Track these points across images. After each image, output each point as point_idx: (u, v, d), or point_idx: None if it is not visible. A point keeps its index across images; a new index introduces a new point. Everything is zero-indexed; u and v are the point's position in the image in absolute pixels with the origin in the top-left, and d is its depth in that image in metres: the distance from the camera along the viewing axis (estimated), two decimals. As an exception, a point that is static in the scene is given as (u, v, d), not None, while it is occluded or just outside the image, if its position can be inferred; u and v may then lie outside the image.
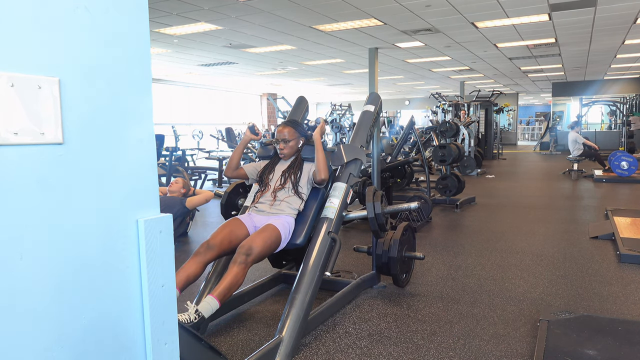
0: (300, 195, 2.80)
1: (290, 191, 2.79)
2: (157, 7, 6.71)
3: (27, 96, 0.88)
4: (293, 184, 2.80)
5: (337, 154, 3.04)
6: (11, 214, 0.86)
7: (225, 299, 2.28)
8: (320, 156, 2.79)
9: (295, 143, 2.93)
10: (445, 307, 2.94)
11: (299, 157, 2.94)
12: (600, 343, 2.30)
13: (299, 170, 2.86)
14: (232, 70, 13.47)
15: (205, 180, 8.67)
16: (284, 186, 2.80)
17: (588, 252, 4.11)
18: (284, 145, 2.90)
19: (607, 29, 8.72)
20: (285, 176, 2.84)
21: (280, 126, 2.93)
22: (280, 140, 2.90)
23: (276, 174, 2.90)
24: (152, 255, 1.10)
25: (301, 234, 2.76)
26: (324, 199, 2.90)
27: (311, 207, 2.86)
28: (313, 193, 2.92)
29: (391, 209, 3.01)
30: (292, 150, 2.93)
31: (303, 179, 2.85)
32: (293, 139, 2.92)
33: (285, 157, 2.94)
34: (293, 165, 2.88)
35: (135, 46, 1.06)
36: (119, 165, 1.04)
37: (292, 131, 2.92)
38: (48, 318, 0.93)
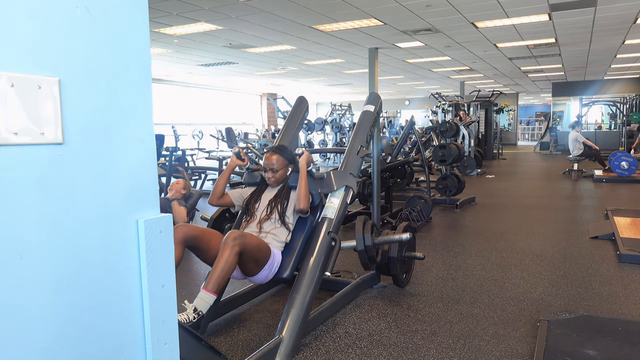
0: (287, 225, 2.70)
1: (276, 222, 2.68)
2: (157, 7, 6.71)
3: (27, 96, 0.88)
4: (280, 214, 2.69)
5: (327, 180, 2.92)
6: (11, 214, 0.86)
7: (219, 288, 2.23)
8: (302, 185, 2.71)
9: (283, 171, 2.83)
10: (445, 307, 2.94)
11: (287, 185, 2.83)
12: (600, 343, 2.30)
13: (285, 200, 2.76)
14: (232, 70, 13.47)
15: (205, 180, 8.67)
16: (270, 217, 2.69)
17: (588, 252, 4.11)
18: (272, 174, 2.80)
19: (607, 29, 8.72)
20: (272, 205, 2.73)
21: (268, 153, 2.83)
22: (268, 169, 2.80)
23: (262, 203, 2.79)
24: (152, 255, 1.10)
25: (288, 267, 2.63)
26: (312, 228, 2.78)
27: (298, 238, 2.74)
28: (300, 223, 2.79)
29: (382, 240, 2.92)
30: (280, 179, 2.83)
31: (290, 209, 2.74)
32: (281, 167, 2.81)
33: (272, 185, 2.85)
34: (280, 194, 2.78)
35: (135, 46, 1.06)
36: (119, 165, 1.04)
37: (281, 159, 2.82)
38: (48, 318, 0.93)
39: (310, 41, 9.39)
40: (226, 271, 2.25)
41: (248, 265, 2.45)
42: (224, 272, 2.24)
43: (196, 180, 8.51)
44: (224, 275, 2.24)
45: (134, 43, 1.06)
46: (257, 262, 2.47)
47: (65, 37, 0.93)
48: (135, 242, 1.08)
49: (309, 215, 2.81)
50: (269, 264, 2.53)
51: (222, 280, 2.23)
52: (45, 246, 0.92)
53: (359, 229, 2.80)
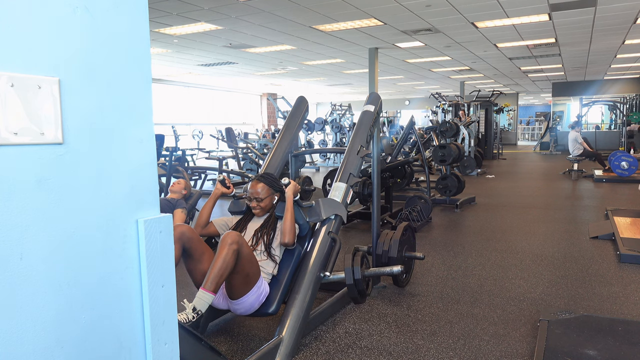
0: (274, 257, 2.58)
1: (262, 254, 2.56)
2: (157, 7, 6.71)
3: (27, 96, 0.88)
4: (266, 245, 2.58)
5: (315, 209, 2.82)
6: (11, 214, 0.86)
7: (218, 286, 2.20)
8: (288, 218, 2.60)
9: (269, 200, 2.69)
10: (445, 307, 2.94)
11: (273, 215, 2.70)
12: (600, 343, 2.30)
13: (272, 231, 2.63)
14: (232, 70, 13.47)
15: (205, 180, 8.67)
16: (255, 248, 2.58)
17: (588, 252, 4.11)
18: (257, 204, 2.67)
19: (607, 29, 8.72)
20: (258, 236, 2.61)
21: (254, 181, 2.71)
22: (253, 199, 2.67)
23: (248, 233, 2.66)
24: (152, 255, 1.10)
25: (274, 301, 2.48)
26: (300, 259, 2.67)
27: (285, 270, 2.60)
28: (287, 254, 2.66)
29: (372, 272, 2.84)
30: (266, 208, 2.69)
31: (276, 241, 2.62)
32: (267, 196, 2.68)
33: (258, 214, 2.71)
34: (266, 225, 2.65)
35: (135, 46, 1.06)
36: (119, 165, 1.04)
37: (266, 188, 2.68)
38: (48, 318, 0.93)
39: (310, 41, 9.39)
40: (224, 269, 2.22)
41: (238, 280, 2.35)
42: (222, 270, 2.21)
43: (196, 180, 8.51)
44: (222, 274, 2.21)
45: (134, 43, 1.06)
46: (248, 278, 2.38)
47: (65, 37, 0.93)
48: (135, 242, 1.08)
49: (297, 245, 2.69)
50: (256, 287, 2.41)
51: (220, 279, 2.21)
52: (45, 246, 0.92)
53: (349, 262, 2.67)
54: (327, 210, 2.81)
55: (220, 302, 2.47)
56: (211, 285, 2.19)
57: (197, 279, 2.43)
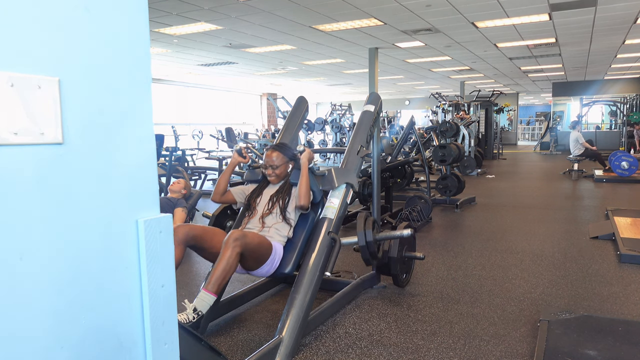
0: (289, 221, 2.70)
1: (278, 217, 2.70)
2: (157, 7, 6.71)
3: (27, 96, 0.88)
4: (281, 209, 2.70)
5: (328, 177, 2.92)
6: (11, 214, 0.86)
7: (220, 288, 2.23)
8: (303, 182, 2.71)
9: (284, 168, 2.83)
10: (445, 307, 2.94)
11: (288, 182, 2.84)
12: (601, 343, 2.30)
13: (287, 196, 2.76)
14: (232, 70, 13.47)
15: (205, 180, 8.67)
16: (271, 211, 2.71)
17: (588, 252, 4.11)
18: (272, 171, 2.81)
19: (607, 29, 8.72)
20: (273, 201, 2.74)
21: (269, 150, 2.83)
22: (269, 166, 2.81)
23: (264, 199, 2.80)
24: (152, 255, 1.10)
25: (290, 262, 2.64)
26: (314, 224, 2.79)
27: (300, 234, 2.74)
28: (302, 219, 2.80)
29: (383, 236, 2.92)
30: (280, 176, 2.83)
31: (291, 205, 2.75)
32: (282, 164, 2.82)
33: (273, 182, 2.85)
34: (282, 190, 2.79)
35: (136, 46, 1.06)
36: (119, 165, 1.04)
37: (281, 156, 2.82)
38: (48, 318, 0.93)
39: (310, 41, 9.39)
40: (227, 272, 2.25)
41: (249, 262, 2.46)
42: (225, 272, 2.24)
43: (196, 180, 8.51)
44: (224, 276, 2.24)
45: (134, 43, 1.06)
46: (258, 259, 2.48)
47: (65, 37, 0.93)
48: (135, 242, 1.08)
49: (310, 211, 2.82)
50: (270, 260, 2.54)
51: (222, 281, 2.23)
52: (45, 246, 0.92)
53: (360, 225, 2.81)
54: (340, 179, 2.93)
55: (238, 269, 2.56)
56: (213, 287, 2.21)
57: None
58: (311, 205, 2.82)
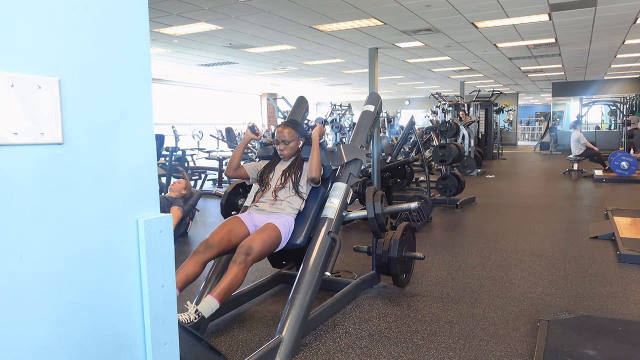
0: (301, 194, 2.81)
1: (290, 191, 2.80)
2: (157, 7, 6.71)
3: (27, 96, 0.88)
4: (294, 183, 2.81)
5: (337, 154, 3.04)
6: (11, 214, 0.86)
7: (225, 298, 2.28)
8: (314, 155, 2.81)
9: (295, 144, 2.93)
10: (445, 307, 2.94)
11: (299, 157, 2.94)
12: (601, 343, 2.30)
13: (299, 170, 2.86)
14: (232, 70, 13.47)
15: (205, 180, 8.67)
16: (284, 186, 2.80)
17: (588, 252, 4.11)
18: (284, 147, 2.90)
19: (607, 29, 8.72)
20: (286, 176, 2.84)
21: (280, 127, 2.93)
22: (281, 141, 2.90)
23: (276, 174, 2.90)
24: (152, 255, 1.10)
25: (301, 234, 2.75)
26: (324, 199, 2.90)
27: (311, 207, 2.86)
28: (313, 193, 2.92)
29: (391, 209, 3.01)
30: (292, 151, 2.93)
31: (303, 179, 2.85)
32: (293, 139, 2.91)
33: (285, 158, 2.94)
34: (293, 165, 2.89)
35: (135, 46, 1.06)
36: (119, 165, 1.04)
37: (292, 132, 2.92)
38: (48, 318, 0.93)
39: (310, 41, 9.38)
40: (234, 285, 2.33)
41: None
42: (232, 286, 2.32)
43: (196, 180, 8.51)
44: (231, 288, 2.32)
45: (134, 43, 1.06)
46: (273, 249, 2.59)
47: (65, 37, 0.93)
48: (135, 242, 1.08)
49: (321, 186, 2.92)
50: (283, 239, 2.64)
51: (228, 292, 2.31)
52: (45, 246, 0.92)
53: (369, 197, 2.88)
54: (349, 155, 3.03)
55: None
56: (219, 295, 2.27)
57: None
58: (322, 180, 2.93)
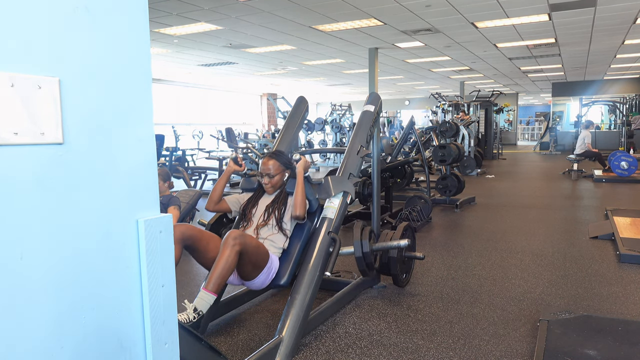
0: (285, 232, 2.66)
1: (274, 228, 2.65)
2: (157, 7, 6.71)
3: (27, 96, 0.88)
4: (277, 219, 2.66)
5: (324, 186, 2.87)
6: (11, 214, 0.86)
7: (220, 287, 2.22)
8: (298, 191, 2.68)
9: (280, 177, 2.78)
10: (445, 307, 2.94)
11: (284, 191, 2.80)
12: (600, 343, 2.30)
13: (283, 206, 2.71)
14: (232, 70, 13.47)
15: (206, 180, 8.67)
16: (267, 222, 2.66)
17: (588, 252, 4.11)
18: (268, 180, 2.75)
19: (607, 29, 8.72)
20: (269, 211, 2.69)
21: (265, 158, 2.79)
22: (265, 175, 2.76)
23: (259, 209, 2.75)
24: (152, 255, 1.10)
25: (285, 273, 2.59)
26: (310, 234, 2.74)
27: (296, 244, 2.69)
28: (298, 229, 2.75)
29: (380, 247, 2.88)
30: (276, 185, 2.78)
31: (287, 215, 2.70)
32: (278, 173, 2.76)
33: (269, 191, 2.80)
34: (277, 200, 2.74)
35: (135, 46, 1.06)
36: (119, 165, 1.04)
37: (277, 165, 2.77)
38: (48, 318, 0.93)
39: (310, 41, 9.39)
40: (226, 270, 2.24)
41: (246, 268, 2.42)
42: (224, 271, 2.23)
43: (196, 180, 8.51)
44: (223, 275, 2.23)
45: (134, 43, 1.06)
46: (256, 264, 2.44)
47: (65, 38, 0.93)
48: (135, 242, 1.08)
49: (307, 221, 2.76)
50: (267, 268, 2.50)
51: (222, 280, 2.23)
52: (46, 246, 0.92)
53: (357, 235, 2.74)
54: (337, 187, 2.87)
55: (234, 279, 2.54)
56: (213, 286, 2.20)
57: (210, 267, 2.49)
58: (307, 214, 2.77)
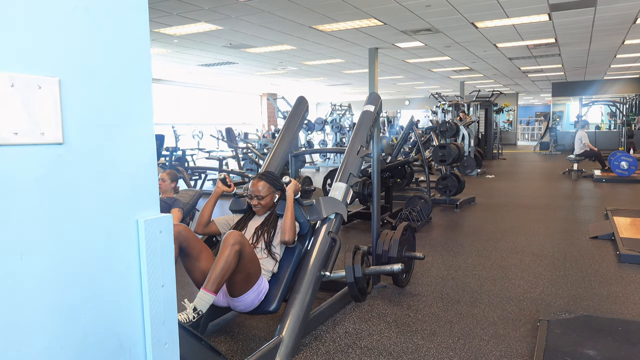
0: (274, 255, 2.59)
1: (263, 252, 2.58)
2: (157, 7, 6.71)
3: (27, 96, 0.88)
4: (266, 243, 2.60)
5: (316, 207, 2.83)
6: (11, 213, 0.86)
7: (219, 287, 2.21)
8: (288, 216, 2.61)
9: (270, 198, 2.71)
10: (445, 307, 2.94)
11: (274, 213, 2.72)
12: (600, 343, 2.30)
13: (272, 229, 2.65)
14: (232, 70, 13.47)
15: (206, 180, 8.67)
16: (256, 246, 2.59)
17: (588, 252, 4.11)
18: (258, 202, 2.69)
19: (607, 29, 8.72)
20: (258, 234, 2.63)
21: (255, 179, 2.73)
22: (254, 196, 2.69)
23: (249, 231, 2.68)
24: (152, 255, 1.10)
25: (274, 299, 2.49)
26: (301, 258, 2.68)
27: (286, 268, 2.61)
28: (288, 252, 2.67)
29: (373, 271, 2.82)
30: (266, 206, 2.71)
31: (276, 239, 2.63)
32: (267, 194, 2.70)
33: (259, 212, 2.73)
34: (267, 223, 2.67)
35: (135, 46, 1.06)
36: (119, 165, 1.04)
37: (267, 186, 2.70)
38: (48, 318, 0.93)
39: (310, 41, 9.39)
40: (226, 270, 2.22)
41: (239, 277, 2.36)
42: (224, 271, 2.22)
43: (196, 180, 8.51)
44: (223, 275, 2.22)
45: (134, 43, 1.06)
46: (249, 276, 2.38)
47: (65, 37, 0.93)
48: (135, 242, 1.08)
49: (297, 243, 2.70)
50: (257, 285, 2.43)
51: (221, 279, 2.22)
52: (46, 246, 0.92)
53: (349, 260, 2.65)
54: (328, 209, 2.81)
55: (220, 299, 2.47)
56: (212, 285, 2.19)
57: (196, 278, 2.44)
58: (299, 236, 2.71)
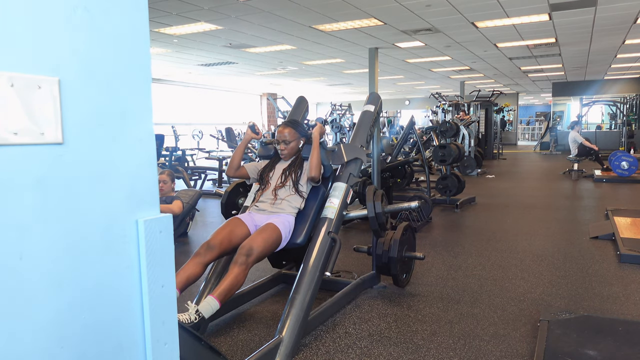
0: (301, 193, 2.82)
1: (290, 190, 2.80)
2: (157, 7, 6.70)
3: (27, 96, 0.88)
4: (294, 182, 2.81)
5: (338, 153, 3.05)
6: (11, 213, 0.86)
7: (225, 299, 2.29)
8: (314, 154, 2.83)
9: (295, 144, 2.94)
10: (445, 307, 2.94)
11: (300, 157, 2.95)
12: (601, 343, 2.29)
13: (299, 169, 2.87)
14: (232, 70, 13.47)
15: (205, 180, 8.67)
16: (284, 184, 2.81)
17: (588, 252, 4.11)
18: (285, 146, 2.91)
19: (607, 29, 8.72)
20: (286, 174, 2.85)
21: (281, 126, 2.93)
22: (281, 141, 2.91)
23: (277, 173, 2.90)
24: (152, 256, 1.10)
25: (301, 233, 2.76)
26: (324, 198, 2.90)
27: (311, 206, 2.87)
28: (313, 192, 2.93)
29: (391, 208, 3.02)
30: (292, 151, 2.94)
31: (303, 178, 2.86)
32: (293, 139, 2.92)
33: (285, 158, 2.95)
34: (293, 164, 2.90)
35: (135, 46, 1.06)
36: (119, 165, 1.04)
37: (293, 132, 2.92)
38: (47, 318, 0.93)
39: (310, 41, 9.38)
40: (235, 287, 2.33)
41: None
42: (233, 287, 2.32)
43: (196, 180, 8.51)
44: (232, 290, 2.32)
45: (134, 43, 1.05)
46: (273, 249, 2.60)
47: (65, 37, 0.93)
48: (135, 242, 1.08)
49: (321, 185, 2.93)
50: (283, 239, 2.65)
51: (229, 293, 2.31)
52: (45, 246, 0.92)
53: (370, 197, 2.89)
54: (349, 154, 3.05)
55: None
56: (220, 295, 2.27)
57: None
58: (322, 179, 2.94)
